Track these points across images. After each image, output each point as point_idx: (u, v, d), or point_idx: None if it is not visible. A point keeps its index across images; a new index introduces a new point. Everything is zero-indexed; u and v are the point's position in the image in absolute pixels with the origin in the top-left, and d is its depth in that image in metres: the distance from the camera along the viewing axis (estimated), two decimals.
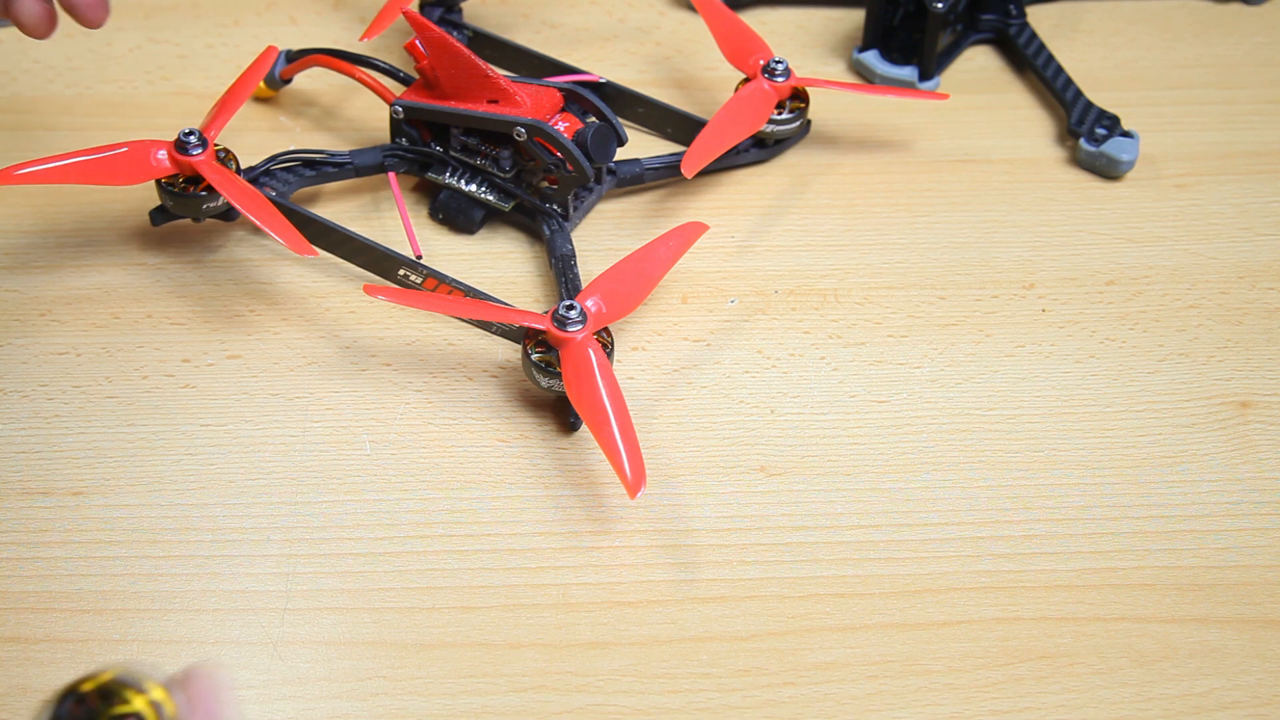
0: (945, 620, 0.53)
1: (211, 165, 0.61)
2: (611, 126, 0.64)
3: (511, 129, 0.63)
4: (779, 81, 0.68)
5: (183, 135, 0.61)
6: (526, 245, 0.67)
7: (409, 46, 0.65)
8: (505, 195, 0.65)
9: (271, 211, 0.60)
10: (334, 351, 0.62)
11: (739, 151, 0.69)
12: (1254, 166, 0.71)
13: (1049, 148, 0.72)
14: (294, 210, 0.64)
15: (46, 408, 0.59)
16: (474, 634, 0.52)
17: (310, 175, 0.66)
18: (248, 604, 0.53)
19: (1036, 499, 0.57)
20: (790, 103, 0.69)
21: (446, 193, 0.66)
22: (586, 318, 0.56)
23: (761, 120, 0.68)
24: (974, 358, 0.62)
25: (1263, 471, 0.57)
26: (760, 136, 0.70)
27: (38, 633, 0.52)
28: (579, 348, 0.56)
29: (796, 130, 0.70)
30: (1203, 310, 0.64)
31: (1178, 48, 0.78)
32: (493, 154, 0.65)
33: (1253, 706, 0.50)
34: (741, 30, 0.71)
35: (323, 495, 0.56)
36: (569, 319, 0.56)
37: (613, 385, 0.55)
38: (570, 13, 0.79)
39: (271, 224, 0.60)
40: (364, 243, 0.63)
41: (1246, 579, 0.54)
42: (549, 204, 0.65)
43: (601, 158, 0.64)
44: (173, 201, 0.63)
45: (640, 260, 0.60)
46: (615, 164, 0.67)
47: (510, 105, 0.63)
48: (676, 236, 0.62)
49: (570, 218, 0.65)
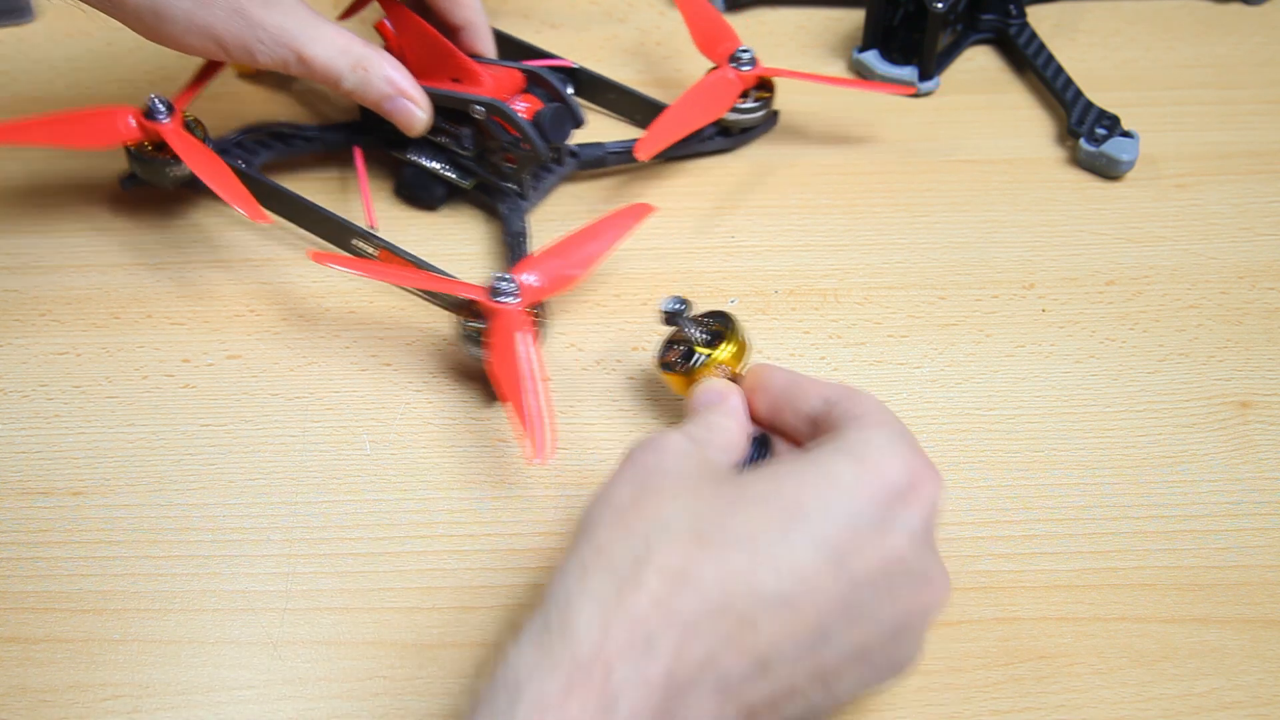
0: (945, 620, 0.53)
1: (176, 133, 0.63)
2: (569, 109, 0.65)
3: (470, 107, 0.64)
4: (744, 70, 0.68)
5: (151, 102, 0.63)
6: (485, 223, 0.67)
7: (379, 26, 0.67)
8: (466, 173, 0.67)
9: (231, 180, 0.62)
10: (334, 351, 0.62)
11: (703, 139, 0.70)
12: (1254, 166, 0.71)
13: (1049, 148, 0.72)
14: (260, 180, 0.65)
15: (46, 408, 0.59)
16: (474, 634, 0.52)
17: (280, 148, 0.68)
18: (248, 604, 0.53)
19: (1036, 499, 0.57)
20: (756, 92, 0.70)
21: (410, 169, 0.68)
22: (520, 290, 0.57)
23: (724, 108, 0.68)
24: (974, 358, 0.62)
25: (1263, 471, 0.57)
26: (725, 125, 0.70)
27: (38, 633, 0.52)
28: (507, 318, 0.57)
29: (761, 120, 0.70)
30: (1203, 310, 0.64)
31: (1178, 48, 0.78)
32: (455, 132, 0.66)
33: (1253, 706, 0.50)
34: (715, 21, 0.71)
35: (323, 495, 0.56)
36: (502, 290, 0.57)
37: (532, 359, 0.56)
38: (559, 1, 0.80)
39: (229, 192, 0.61)
40: (323, 214, 0.65)
41: (1246, 579, 0.54)
42: (507, 183, 0.66)
43: (557, 138, 0.65)
44: (140, 167, 0.64)
45: (582, 239, 0.61)
46: (578, 146, 0.68)
47: (473, 84, 0.65)
48: (621, 217, 0.62)
49: (528, 197, 0.66)
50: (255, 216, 0.61)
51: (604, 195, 0.69)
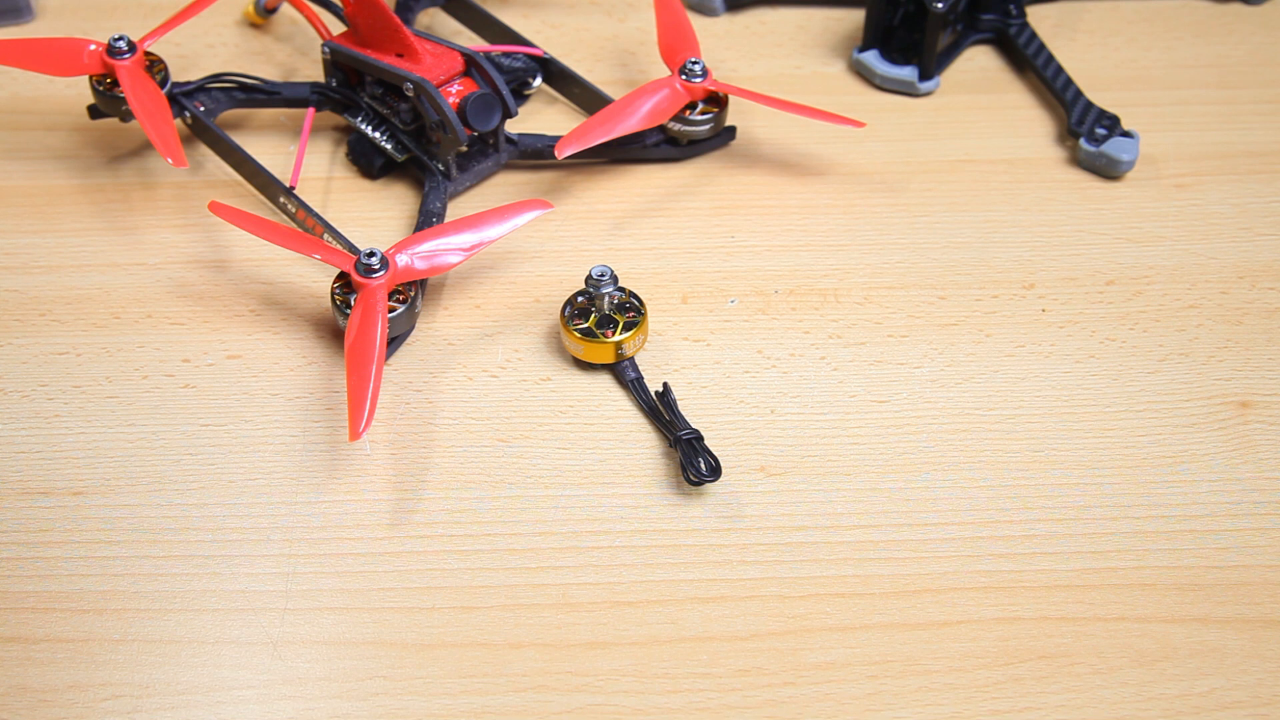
0: (945, 620, 0.53)
1: (129, 70, 0.66)
2: (498, 97, 0.66)
3: (402, 83, 0.65)
4: (693, 82, 0.68)
5: (113, 40, 0.66)
6: (418, 198, 0.68)
7: None
8: (402, 147, 0.68)
9: (164, 121, 0.64)
10: (334, 352, 0.62)
11: (646, 145, 0.70)
12: (1254, 166, 0.71)
13: (1049, 148, 0.72)
14: (211, 129, 0.68)
15: (46, 408, 0.59)
16: (474, 634, 0.52)
17: (241, 98, 0.71)
18: (248, 604, 0.53)
19: (1036, 499, 0.57)
20: (704, 105, 0.69)
21: (355, 136, 0.69)
22: (389, 268, 0.58)
23: (661, 117, 0.67)
24: (974, 358, 0.62)
25: (1263, 471, 0.57)
26: (672, 136, 0.70)
27: (38, 633, 0.52)
28: (370, 294, 0.58)
29: (709, 133, 0.70)
30: (1203, 310, 0.64)
31: (1178, 48, 0.78)
32: (395, 106, 0.67)
33: (1253, 706, 0.50)
34: (682, 29, 0.70)
35: (323, 495, 0.56)
36: (370, 266, 0.58)
37: (382, 340, 0.57)
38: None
39: (156, 132, 0.64)
40: (257, 167, 0.67)
41: (1246, 579, 0.54)
42: (434, 161, 0.67)
43: (480, 125, 0.65)
44: (99, 100, 0.68)
45: (467, 225, 0.61)
46: (519, 136, 0.69)
47: (413, 61, 0.66)
48: (512, 210, 0.62)
49: (452, 178, 0.67)
50: (175, 160, 0.63)
51: (544, 187, 0.69)
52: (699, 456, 0.56)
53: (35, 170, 0.70)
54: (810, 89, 0.75)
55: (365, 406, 0.55)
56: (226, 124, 0.72)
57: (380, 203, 0.68)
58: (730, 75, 0.76)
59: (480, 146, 0.69)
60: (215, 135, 0.68)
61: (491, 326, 0.63)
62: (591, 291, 0.60)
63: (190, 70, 0.75)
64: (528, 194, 0.69)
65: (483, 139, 0.69)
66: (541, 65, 0.73)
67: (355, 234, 0.66)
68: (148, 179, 0.69)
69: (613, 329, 0.60)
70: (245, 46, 0.77)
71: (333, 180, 0.70)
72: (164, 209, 0.68)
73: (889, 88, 0.75)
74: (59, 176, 0.69)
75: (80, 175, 0.69)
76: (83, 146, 0.71)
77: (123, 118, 0.68)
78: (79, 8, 0.80)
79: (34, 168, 0.70)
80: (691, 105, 0.69)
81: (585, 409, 0.60)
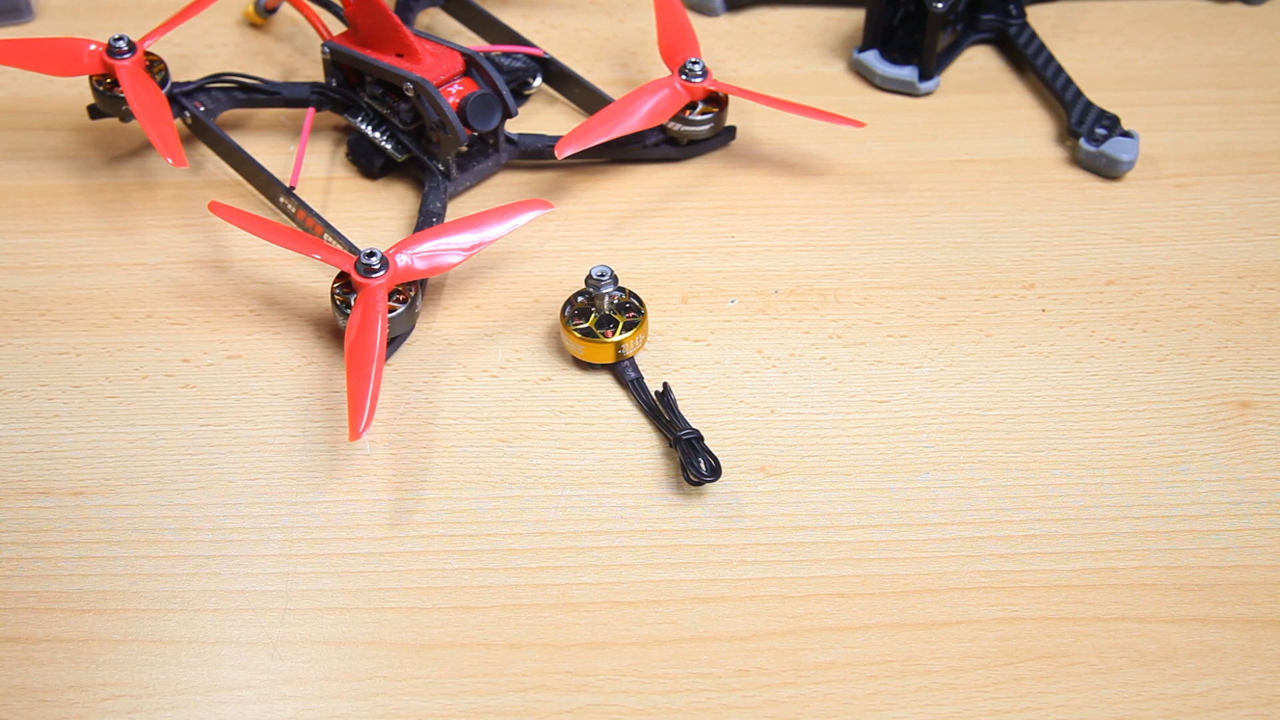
0: (945, 620, 0.53)
1: (129, 70, 0.66)
2: (498, 98, 0.66)
3: (402, 83, 0.65)
4: (693, 83, 0.68)
5: (113, 40, 0.66)
6: (418, 199, 0.68)
7: None
8: (403, 148, 0.68)
9: (164, 122, 0.64)
10: (334, 352, 0.62)
11: (646, 145, 0.70)
12: (1254, 166, 0.71)
13: (1049, 148, 0.72)
14: (211, 129, 0.68)
15: (46, 408, 0.59)
16: (474, 634, 0.52)
17: (241, 98, 0.71)
18: (248, 604, 0.53)
19: (1036, 499, 0.57)
20: (704, 105, 0.69)
21: (355, 136, 0.69)
22: (389, 268, 0.58)
23: (661, 117, 0.67)
24: (974, 358, 0.62)
25: (1263, 471, 0.57)
26: (672, 136, 0.70)
27: (38, 633, 0.52)
28: (370, 294, 0.58)
29: (709, 134, 0.70)
30: (1203, 310, 0.64)
31: (1178, 48, 0.78)
32: (395, 106, 0.67)
33: (1253, 706, 0.50)
34: (682, 29, 0.70)
35: (323, 495, 0.56)
36: (371, 267, 0.58)
37: (382, 340, 0.57)
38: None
39: (156, 132, 0.64)
40: (257, 167, 0.67)
41: (1246, 579, 0.54)
42: (435, 161, 0.67)
43: (479, 125, 0.65)
44: (99, 100, 0.67)
45: (466, 225, 0.61)
46: (519, 136, 0.69)
47: (413, 61, 0.66)
48: (512, 210, 0.62)
49: (453, 178, 0.67)
50: (175, 160, 0.63)
51: (544, 187, 0.69)
52: (699, 456, 0.56)
53: (35, 170, 0.70)
54: (810, 89, 0.75)
55: (365, 406, 0.55)
56: (226, 124, 0.72)
57: (380, 203, 0.68)
58: (730, 75, 0.76)
59: (480, 146, 0.69)
60: (215, 135, 0.68)
61: (491, 326, 0.63)
62: (591, 291, 0.60)
63: (190, 70, 0.75)
64: (528, 194, 0.69)
65: (483, 139, 0.69)
66: (541, 65, 0.73)
67: (355, 234, 0.66)
68: (148, 179, 0.69)
69: (613, 329, 0.60)
70: (245, 46, 0.78)
71: (333, 180, 0.70)
72: (164, 209, 0.68)
73: (889, 88, 0.75)
74: (59, 176, 0.69)
75: (80, 175, 0.69)
76: (83, 146, 0.71)
77: (123, 118, 0.68)
78: (79, 8, 0.80)
79: (34, 168, 0.70)
80: (691, 105, 0.69)
81: (585, 409, 0.60)
